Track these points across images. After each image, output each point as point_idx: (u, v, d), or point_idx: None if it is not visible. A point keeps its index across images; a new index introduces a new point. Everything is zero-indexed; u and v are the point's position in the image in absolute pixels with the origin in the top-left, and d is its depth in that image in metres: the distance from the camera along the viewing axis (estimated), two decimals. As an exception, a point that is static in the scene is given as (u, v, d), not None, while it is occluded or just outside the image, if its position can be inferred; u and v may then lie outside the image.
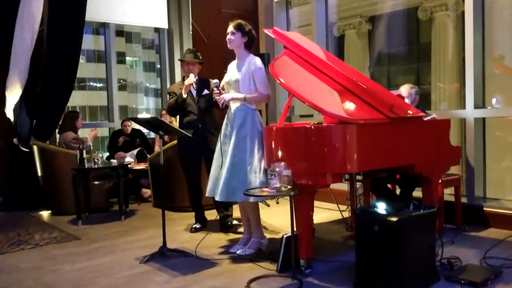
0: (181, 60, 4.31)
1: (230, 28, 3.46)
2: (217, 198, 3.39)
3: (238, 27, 3.45)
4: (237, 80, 3.45)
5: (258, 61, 3.45)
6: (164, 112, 6.72)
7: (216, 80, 3.60)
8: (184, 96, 4.08)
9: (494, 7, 4.63)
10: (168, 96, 4.32)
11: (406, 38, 7.29)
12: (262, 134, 3.35)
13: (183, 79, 4.23)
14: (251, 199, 3.33)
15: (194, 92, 4.18)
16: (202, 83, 4.19)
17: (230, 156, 3.36)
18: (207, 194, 3.58)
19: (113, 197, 5.34)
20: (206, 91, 4.16)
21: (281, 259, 3.04)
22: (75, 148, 5.23)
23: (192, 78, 4.06)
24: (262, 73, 3.42)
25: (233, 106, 3.48)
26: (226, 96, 3.46)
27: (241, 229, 3.98)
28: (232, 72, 3.55)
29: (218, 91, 3.49)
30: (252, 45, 3.55)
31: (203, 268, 3.22)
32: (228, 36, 3.47)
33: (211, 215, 4.40)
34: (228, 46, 3.51)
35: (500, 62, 4.95)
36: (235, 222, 4.20)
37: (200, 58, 4.28)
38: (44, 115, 5.59)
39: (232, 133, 3.42)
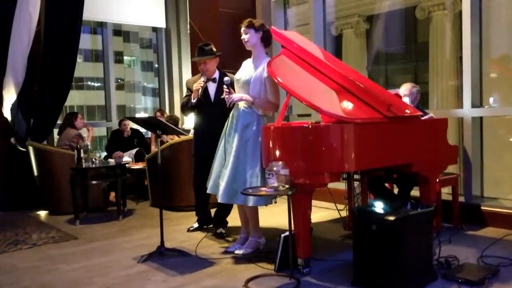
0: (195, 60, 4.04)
1: (242, 28, 3.40)
2: (219, 200, 3.37)
3: (249, 25, 3.38)
4: (247, 82, 3.39)
5: None
6: (158, 114, 6.66)
7: (227, 78, 3.50)
8: (193, 101, 3.89)
9: (492, 6, 4.63)
10: (186, 91, 4.12)
11: (403, 37, 7.29)
12: None
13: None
14: (250, 203, 3.29)
15: (212, 93, 3.95)
16: (222, 81, 3.81)
17: (233, 158, 3.33)
18: (208, 190, 3.55)
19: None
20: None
21: (279, 259, 3.04)
22: (77, 144, 5.22)
23: (200, 82, 3.86)
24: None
25: (241, 105, 3.43)
26: (235, 97, 3.38)
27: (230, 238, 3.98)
28: (245, 71, 3.47)
29: (228, 90, 3.40)
30: (269, 41, 3.46)
31: (201, 268, 3.22)
32: (242, 37, 3.40)
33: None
34: (246, 47, 3.44)
35: (497, 61, 4.96)
36: (220, 230, 4.03)
37: (213, 51, 3.93)
38: (41, 115, 5.57)
39: (236, 133, 3.39)
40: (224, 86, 3.42)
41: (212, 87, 3.97)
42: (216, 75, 3.98)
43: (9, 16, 5.32)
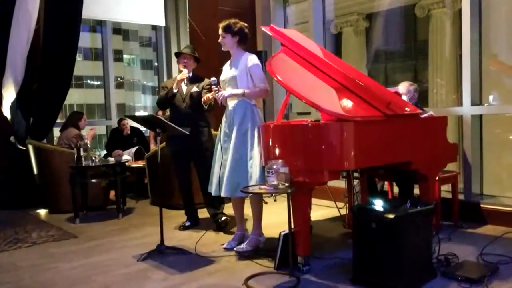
0: (178, 54, 4.25)
1: (220, 31, 3.49)
2: (222, 194, 3.41)
3: (226, 29, 3.47)
4: (234, 77, 3.46)
5: (254, 58, 3.47)
6: (160, 113, 6.66)
7: (214, 78, 3.60)
8: (175, 91, 4.07)
9: (491, 4, 4.63)
10: (161, 90, 4.33)
11: (403, 36, 7.30)
12: None
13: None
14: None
15: (184, 89, 4.15)
16: (195, 80, 4.16)
17: (232, 152, 3.37)
18: (213, 193, 3.56)
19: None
20: (195, 89, 4.11)
21: (279, 257, 3.05)
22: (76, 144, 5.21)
23: (184, 74, 4.06)
24: (259, 68, 3.46)
25: (231, 103, 3.48)
26: (225, 92, 3.47)
27: (233, 229, 3.98)
28: (228, 70, 3.56)
29: (216, 89, 3.51)
30: (245, 41, 3.55)
31: (200, 266, 3.22)
32: (219, 40, 3.51)
33: (205, 213, 4.38)
34: (223, 49, 3.55)
35: (497, 59, 4.96)
36: (224, 218, 4.14)
37: (197, 55, 4.25)
38: (41, 113, 5.57)
39: (233, 129, 3.42)
40: (213, 86, 3.54)
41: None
42: (190, 73, 4.20)
43: (9, 15, 5.31)
